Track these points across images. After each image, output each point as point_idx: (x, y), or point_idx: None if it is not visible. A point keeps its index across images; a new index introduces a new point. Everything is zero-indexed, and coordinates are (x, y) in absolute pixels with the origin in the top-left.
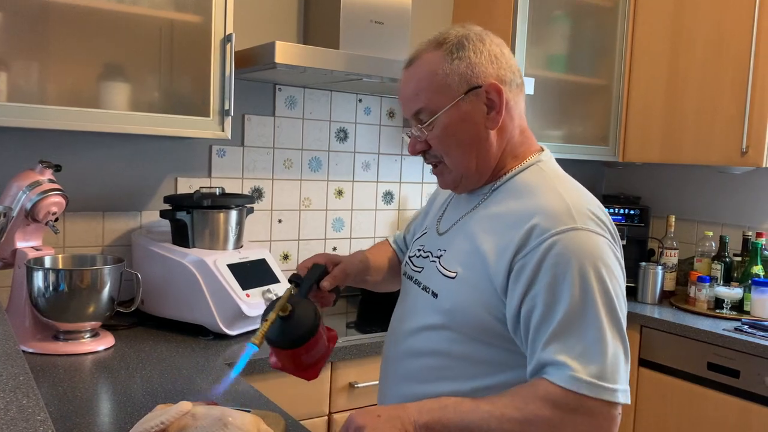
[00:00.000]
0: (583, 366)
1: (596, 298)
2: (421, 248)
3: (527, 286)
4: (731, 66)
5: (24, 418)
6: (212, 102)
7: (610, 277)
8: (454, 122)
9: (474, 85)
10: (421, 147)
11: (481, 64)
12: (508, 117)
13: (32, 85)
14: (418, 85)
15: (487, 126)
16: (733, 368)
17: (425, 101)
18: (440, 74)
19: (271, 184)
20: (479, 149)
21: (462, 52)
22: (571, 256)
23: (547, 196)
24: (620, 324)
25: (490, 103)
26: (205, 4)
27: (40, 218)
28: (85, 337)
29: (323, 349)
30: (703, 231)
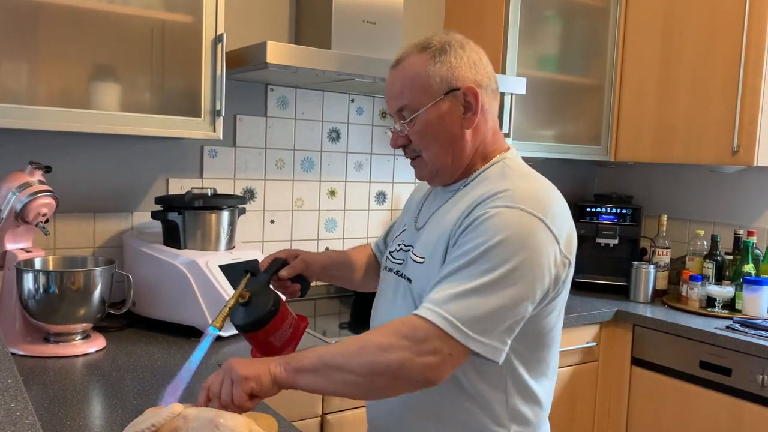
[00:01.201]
0: (450, 305)
1: (494, 261)
2: (401, 243)
3: (454, 243)
4: (722, 65)
5: (12, 421)
6: (203, 102)
7: (523, 252)
8: (434, 120)
9: (453, 87)
10: (402, 141)
11: (461, 68)
12: (483, 119)
13: (22, 85)
14: (403, 84)
15: (463, 125)
16: (725, 366)
17: (408, 99)
18: (423, 75)
19: (264, 184)
20: (455, 146)
21: (444, 56)
22: (496, 226)
23: (498, 183)
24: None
25: (467, 104)
26: (196, 4)
27: (30, 220)
28: (76, 339)
29: (291, 331)
30: (694, 230)
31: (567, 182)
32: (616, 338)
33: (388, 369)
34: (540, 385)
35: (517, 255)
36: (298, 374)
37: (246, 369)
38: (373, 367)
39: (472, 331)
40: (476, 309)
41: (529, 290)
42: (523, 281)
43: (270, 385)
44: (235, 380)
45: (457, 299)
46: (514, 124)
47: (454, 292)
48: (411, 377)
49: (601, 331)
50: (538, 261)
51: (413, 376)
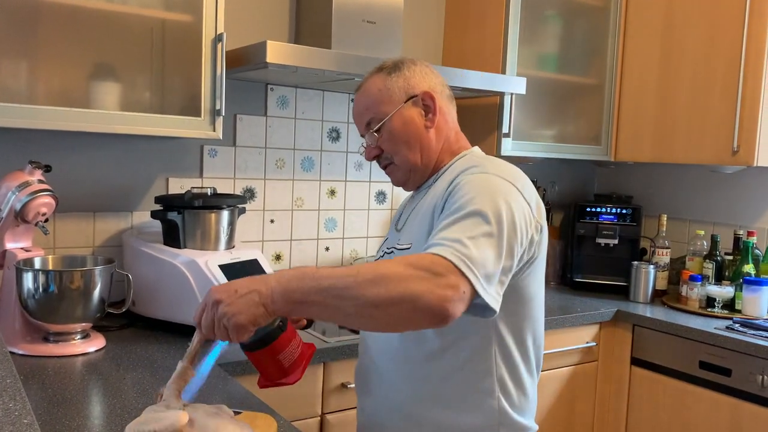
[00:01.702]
0: (460, 247)
1: (485, 216)
2: (384, 249)
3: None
4: (722, 65)
5: (10, 421)
6: (203, 102)
7: (506, 209)
8: (399, 125)
9: (412, 94)
10: (375, 152)
11: (415, 78)
12: (443, 120)
13: (21, 84)
14: (367, 101)
15: (426, 126)
16: (725, 367)
17: (374, 112)
18: (383, 89)
19: (263, 184)
20: (422, 146)
21: (398, 71)
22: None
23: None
24: (499, 242)
25: (426, 107)
26: (195, 4)
27: (30, 219)
28: (75, 339)
29: (299, 351)
30: (694, 230)
31: (567, 182)
32: (615, 338)
33: (408, 298)
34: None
35: (502, 211)
36: (300, 306)
37: (239, 315)
38: (392, 296)
39: (480, 275)
40: (480, 255)
41: (514, 243)
42: (509, 235)
43: (267, 321)
44: (230, 329)
45: (465, 244)
46: (514, 123)
47: (460, 236)
48: (429, 308)
49: (600, 331)
50: (519, 219)
51: (431, 307)
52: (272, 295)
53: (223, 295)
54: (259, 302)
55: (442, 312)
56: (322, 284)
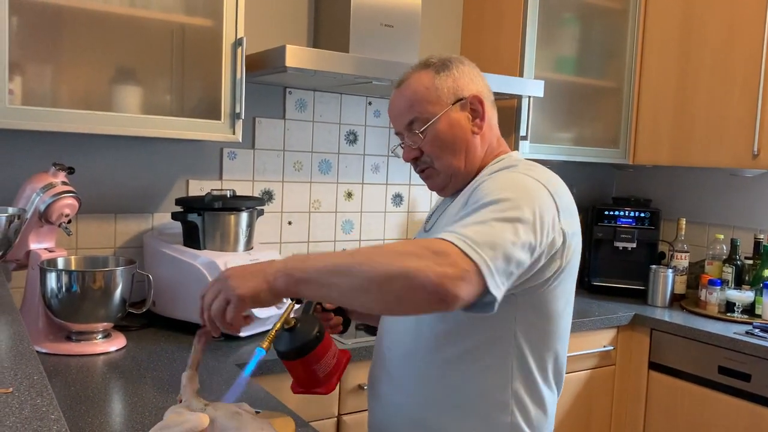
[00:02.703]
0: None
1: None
2: None
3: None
4: (742, 68)
5: (38, 417)
6: (223, 105)
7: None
8: (445, 128)
9: (460, 96)
10: (414, 154)
11: (464, 80)
12: (487, 125)
13: (46, 88)
14: (411, 99)
15: (473, 131)
16: (745, 372)
17: (419, 111)
18: (431, 88)
19: (281, 186)
20: (467, 152)
21: (447, 70)
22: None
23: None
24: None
25: (474, 112)
26: (216, 8)
27: (54, 220)
28: (97, 338)
29: (334, 361)
30: (714, 234)
31: (585, 185)
32: (633, 342)
33: (405, 274)
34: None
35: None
36: (301, 285)
37: (243, 287)
38: (389, 271)
39: (486, 257)
40: (486, 238)
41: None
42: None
43: (269, 300)
44: (232, 300)
45: (472, 226)
46: (532, 126)
47: (469, 221)
48: (427, 285)
49: (618, 335)
50: (540, 214)
51: (430, 284)
52: (276, 273)
53: (233, 272)
54: (263, 280)
55: (441, 290)
56: (324, 262)
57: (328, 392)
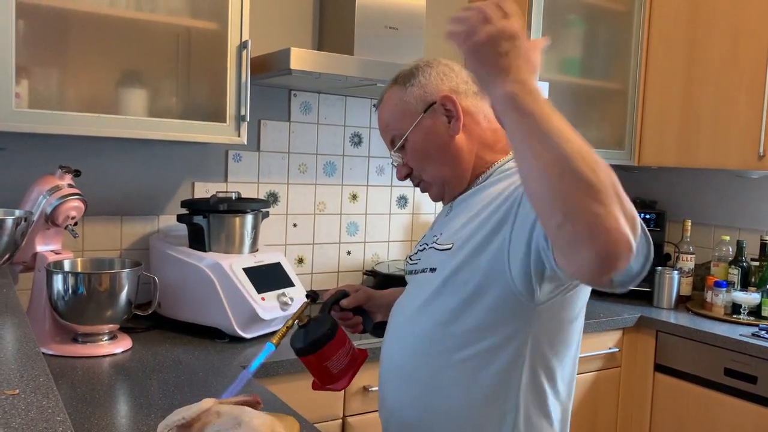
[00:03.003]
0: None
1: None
2: (420, 245)
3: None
4: (748, 69)
5: (44, 418)
6: (228, 108)
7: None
8: (420, 138)
9: (429, 102)
10: (405, 171)
11: (431, 83)
12: (472, 121)
13: (52, 91)
14: (386, 118)
15: (451, 133)
16: (751, 374)
17: (394, 129)
18: (399, 103)
19: (286, 188)
20: (450, 156)
21: (413, 78)
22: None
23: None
24: None
25: (448, 113)
26: (221, 12)
27: (60, 222)
28: (103, 340)
29: (348, 359)
30: (719, 235)
31: None
32: (639, 344)
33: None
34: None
35: None
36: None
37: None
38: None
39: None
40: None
41: None
42: None
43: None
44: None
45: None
46: None
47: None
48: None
49: (623, 337)
50: None
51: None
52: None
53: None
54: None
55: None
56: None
57: (341, 389)
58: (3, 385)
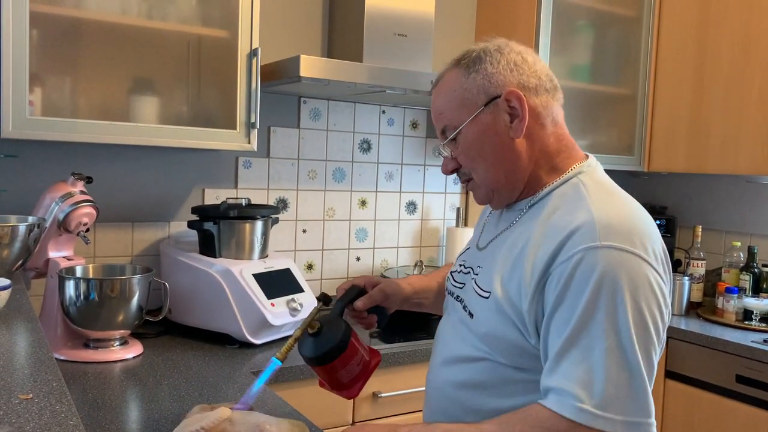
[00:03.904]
0: (584, 391)
1: (605, 317)
2: (462, 263)
3: (548, 304)
4: (758, 74)
5: (57, 422)
6: (239, 115)
7: (632, 295)
8: (477, 135)
9: (493, 95)
10: (452, 166)
11: (499, 73)
12: (537, 124)
13: (65, 99)
14: (441, 104)
15: (512, 135)
16: (763, 381)
17: (448, 119)
18: (458, 90)
19: (296, 194)
20: (506, 161)
21: (479, 65)
22: (593, 272)
23: (577, 213)
24: (633, 352)
25: (512, 111)
26: (231, 20)
27: (72, 229)
28: (114, 345)
29: (360, 368)
30: (730, 241)
31: None
32: None
33: None
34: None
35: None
36: None
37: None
38: None
39: (615, 413)
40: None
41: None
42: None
43: None
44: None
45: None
46: None
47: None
48: None
49: None
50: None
51: None
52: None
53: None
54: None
55: None
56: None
57: (351, 398)
58: (17, 389)
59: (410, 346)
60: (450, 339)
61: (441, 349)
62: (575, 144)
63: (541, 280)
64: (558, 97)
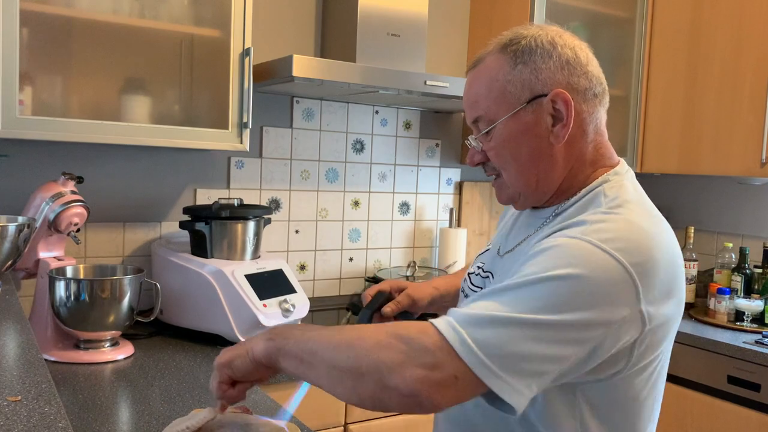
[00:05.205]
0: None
1: (550, 300)
2: (481, 266)
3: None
4: (750, 75)
5: (46, 425)
6: (231, 115)
7: (587, 305)
8: (514, 134)
9: (538, 93)
10: (479, 158)
11: (549, 69)
12: (579, 131)
13: (56, 98)
14: (478, 91)
15: (552, 141)
16: (754, 382)
17: (484, 109)
18: (501, 80)
19: (289, 195)
20: (541, 166)
21: (527, 56)
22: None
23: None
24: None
25: (556, 113)
26: (224, 19)
27: (63, 229)
28: (105, 346)
29: None
30: (722, 242)
31: None
32: None
33: (373, 370)
34: None
35: (579, 306)
36: (280, 355)
37: (223, 355)
38: (359, 365)
39: (494, 364)
40: (508, 344)
41: (579, 351)
42: (576, 341)
43: (250, 366)
44: (214, 369)
45: (489, 325)
46: None
47: (487, 314)
48: (397, 388)
49: None
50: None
51: (400, 387)
52: (258, 339)
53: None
54: (245, 347)
55: (415, 395)
56: (307, 336)
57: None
58: (5, 391)
59: None
60: None
61: None
62: (612, 151)
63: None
64: (605, 102)
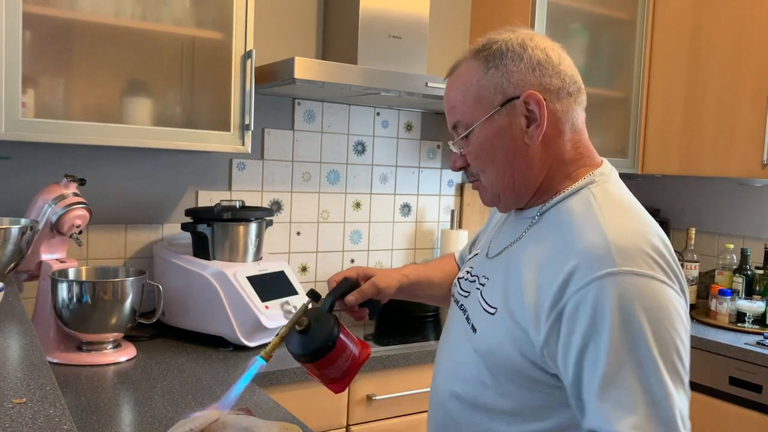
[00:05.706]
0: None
1: (647, 343)
2: (470, 271)
3: (571, 336)
4: (751, 77)
5: (51, 427)
6: (233, 116)
7: (661, 319)
8: (490, 137)
9: (510, 96)
10: (460, 163)
11: (520, 72)
12: (555, 131)
13: (58, 101)
14: (455, 97)
15: (527, 141)
16: (756, 383)
17: (461, 114)
18: (474, 85)
19: (290, 196)
20: (517, 167)
21: (499, 60)
22: (611, 300)
23: (589, 233)
24: (681, 375)
25: (530, 114)
26: (225, 22)
27: (65, 231)
28: (107, 348)
29: (349, 363)
30: (724, 244)
31: None
32: None
33: None
34: None
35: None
36: None
37: None
38: None
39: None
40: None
41: (684, 361)
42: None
43: None
44: None
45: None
46: None
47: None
48: None
49: None
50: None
51: None
52: None
53: None
54: None
55: None
56: None
57: (339, 392)
58: (10, 393)
59: (405, 348)
60: (453, 351)
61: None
62: (592, 150)
63: (555, 306)
64: (581, 101)
